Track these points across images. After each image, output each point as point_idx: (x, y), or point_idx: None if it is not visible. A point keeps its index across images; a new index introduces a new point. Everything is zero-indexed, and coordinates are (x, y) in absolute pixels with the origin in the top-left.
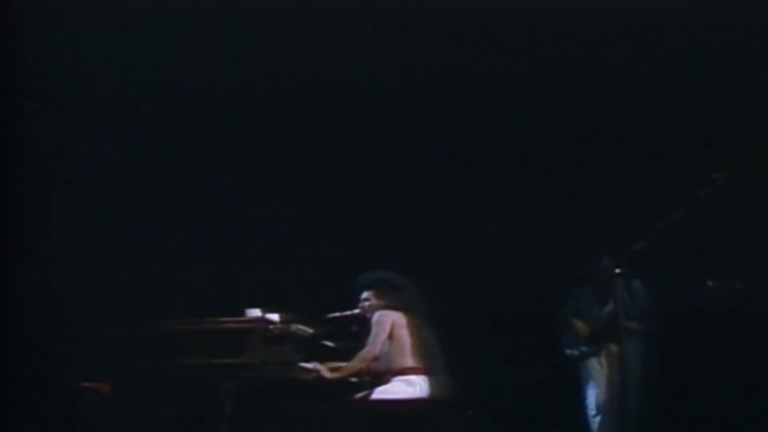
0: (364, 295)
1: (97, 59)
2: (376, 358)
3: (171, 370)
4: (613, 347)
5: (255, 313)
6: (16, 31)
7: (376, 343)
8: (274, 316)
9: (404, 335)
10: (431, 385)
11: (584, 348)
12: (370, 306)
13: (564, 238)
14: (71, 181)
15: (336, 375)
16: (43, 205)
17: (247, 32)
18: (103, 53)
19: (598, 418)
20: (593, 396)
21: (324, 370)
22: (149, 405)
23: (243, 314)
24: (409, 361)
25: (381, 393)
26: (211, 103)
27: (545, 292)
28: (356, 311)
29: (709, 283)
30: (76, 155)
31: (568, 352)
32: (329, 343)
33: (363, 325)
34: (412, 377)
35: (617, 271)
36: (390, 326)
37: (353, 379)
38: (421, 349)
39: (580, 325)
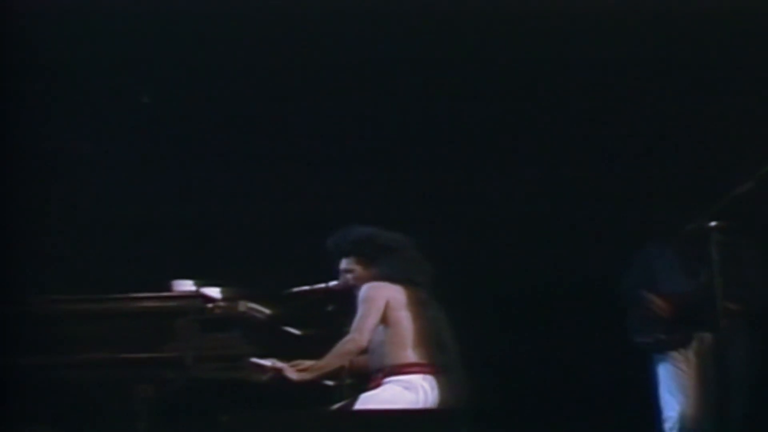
0: (344, 264)
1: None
2: (363, 351)
3: (61, 369)
4: (707, 335)
5: (186, 286)
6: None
7: (363, 330)
8: (214, 291)
9: (403, 318)
10: (440, 388)
11: (663, 336)
12: (355, 278)
13: (630, 179)
14: None
15: (304, 376)
16: None
17: (244, 26)
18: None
19: None
20: (675, 403)
21: (287, 368)
22: (28, 419)
23: (169, 288)
24: (410, 355)
25: (369, 401)
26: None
27: (602, 255)
28: (333, 284)
29: None
30: None
31: (639, 340)
32: (294, 330)
33: (343, 304)
34: (413, 378)
35: (712, 224)
36: (384, 305)
37: (329, 382)
38: (427, 337)
39: (656, 303)
